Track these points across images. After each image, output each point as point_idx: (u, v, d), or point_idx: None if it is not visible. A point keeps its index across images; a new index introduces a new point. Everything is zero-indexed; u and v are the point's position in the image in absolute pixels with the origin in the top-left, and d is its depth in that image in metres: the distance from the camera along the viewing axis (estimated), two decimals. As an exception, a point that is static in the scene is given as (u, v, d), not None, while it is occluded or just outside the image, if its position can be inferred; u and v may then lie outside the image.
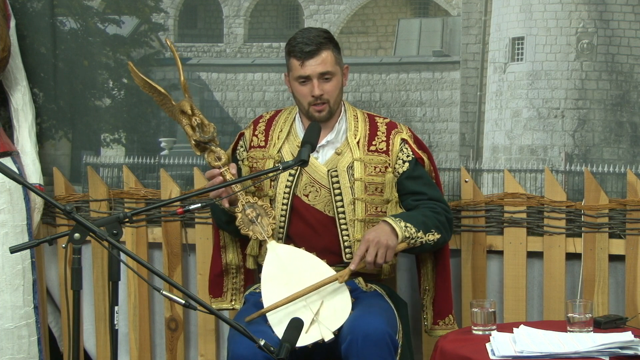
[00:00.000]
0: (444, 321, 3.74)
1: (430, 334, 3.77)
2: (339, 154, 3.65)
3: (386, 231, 3.45)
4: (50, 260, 4.49)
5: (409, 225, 3.49)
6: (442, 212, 3.62)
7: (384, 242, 3.42)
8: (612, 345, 3.12)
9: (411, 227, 3.49)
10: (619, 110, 3.92)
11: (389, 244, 3.43)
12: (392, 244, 3.44)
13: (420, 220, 3.53)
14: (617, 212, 3.89)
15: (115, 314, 2.85)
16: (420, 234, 3.51)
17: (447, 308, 3.75)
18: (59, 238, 2.98)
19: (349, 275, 3.44)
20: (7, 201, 4.05)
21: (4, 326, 4.03)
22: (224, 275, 3.87)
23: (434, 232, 3.55)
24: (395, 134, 3.68)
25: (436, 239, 3.55)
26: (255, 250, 3.72)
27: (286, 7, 4.27)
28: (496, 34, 4.02)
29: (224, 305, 3.86)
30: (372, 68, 4.15)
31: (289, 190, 3.64)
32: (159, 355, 4.43)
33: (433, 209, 3.60)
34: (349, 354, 3.32)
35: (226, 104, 4.31)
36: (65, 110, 4.43)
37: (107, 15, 4.36)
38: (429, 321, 3.77)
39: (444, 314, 3.74)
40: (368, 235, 3.44)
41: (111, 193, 4.36)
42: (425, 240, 3.52)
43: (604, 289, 3.91)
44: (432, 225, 3.55)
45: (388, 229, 3.46)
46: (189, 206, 3.10)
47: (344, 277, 3.43)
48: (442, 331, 3.70)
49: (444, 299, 3.74)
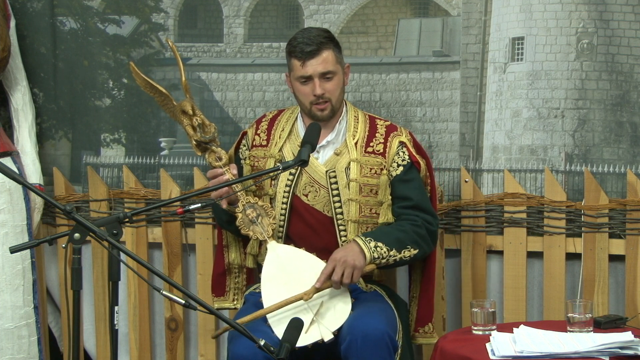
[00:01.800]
0: (424, 329, 3.70)
1: (412, 341, 3.74)
2: (338, 154, 3.64)
3: (355, 251, 3.44)
4: (50, 260, 4.49)
5: (379, 245, 3.46)
6: (423, 224, 3.57)
7: (350, 262, 3.40)
8: (612, 345, 3.12)
9: (382, 247, 3.46)
10: (619, 110, 3.92)
11: (355, 264, 3.41)
12: (360, 264, 3.42)
13: (394, 237, 3.50)
14: (617, 212, 3.89)
15: (115, 314, 2.85)
16: (393, 252, 3.48)
17: (427, 316, 3.70)
18: (59, 238, 2.97)
19: (314, 293, 3.41)
20: (7, 201, 4.05)
21: (4, 326, 4.03)
22: (227, 275, 3.86)
23: (409, 249, 3.52)
24: (394, 137, 3.66)
25: (412, 254, 3.52)
26: (255, 249, 3.71)
27: (286, 7, 4.27)
28: (496, 34, 4.02)
29: (226, 305, 3.86)
30: (372, 68, 4.15)
31: (289, 190, 3.64)
32: (159, 355, 4.43)
33: (413, 222, 3.56)
34: (349, 354, 3.31)
35: (226, 104, 4.31)
36: (65, 110, 4.43)
37: (107, 15, 4.36)
38: (412, 327, 3.75)
39: (424, 321, 3.71)
40: (336, 255, 3.43)
41: (111, 193, 4.36)
42: (400, 257, 3.50)
43: (604, 289, 3.91)
44: (409, 241, 3.52)
45: (357, 249, 3.44)
46: (189, 206, 3.09)
47: (309, 294, 3.40)
48: (421, 339, 3.68)
49: (425, 307, 3.70)
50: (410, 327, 3.73)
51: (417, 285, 3.74)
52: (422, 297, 3.71)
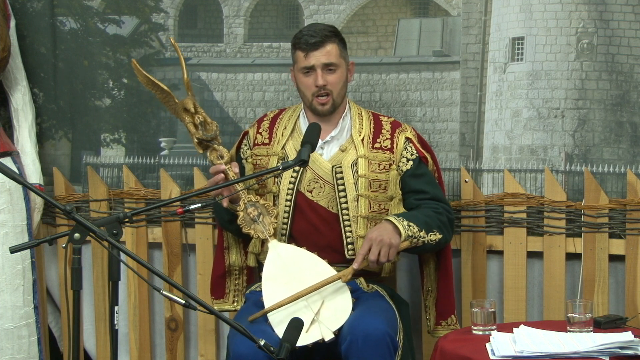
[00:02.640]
0: (447, 322, 3.74)
1: (433, 334, 3.78)
2: (344, 150, 3.66)
3: (389, 230, 3.45)
4: (50, 260, 4.49)
5: (411, 224, 3.49)
6: (444, 212, 3.63)
7: (387, 240, 3.42)
8: (612, 345, 3.12)
9: (414, 226, 3.49)
10: (619, 110, 3.92)
11: (392, 242, 3.43)
12: (395, 242, 3.44)
13: (423, 219, 3.54)
14: (617, 212, 3.89)
15: (115, 314, 2.85)
16: (422, 233, 3.51)
17: (449, 309, 3.76)
18: (59, 238, 2.98)
19: (351, 274, 3.44)
20: (7, 201, 4.05)
21: (4, 326, 4.03)
22: (227, 277, 3.87)
23: (435, 232, 3.55)
24: (400, 133, 3.70)
25: (438, 239, 3.56)
26: (258, 247, 3.72)
27: (286, 7, 4.27)
28: (496, 34, 4.02)
29: (226, 307, 3.86)
30: (372, 68, 4.15)
31: (293, 187, 3.64)
32: (159, 355, 4.43)
33: (435, 209, 3.61)
34: (349, 354, 3.32)
35: (226, 104, 4.31)
36: (65, 110, 4.43)
37: (107, 15, 4.36)
38: (431, 322, 3.77)
39: (446, 314, 3.75)
40: (371, 234, 3.45)
41: (111, 193, 4.36)
42: (428, 240, 3.53)
43: (604, 289, 3.91)
44: (434, 225, 3.55)
45: (391, 228, 3.46)
46: (189, 206, 3.10)
47: (346, 276, 3.43)
48: (444, 331, 3.71)
49: (447, 300, 3.75)
50: (428, 321, 3.75)
51: (432, 279, 3.76)
52: (442, 290, 3.74)
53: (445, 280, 3.75)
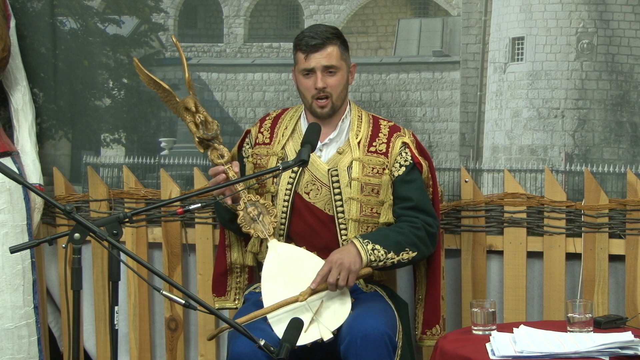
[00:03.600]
0: (431, 331, 3.72)
1: (419, 343, 3.76)
2: (341, 153, 3.65)
3: (352, 254, 3.44)
4: (50, 260, 4.49)
5: (377, 248, 3.46)
6: (423, 226, 3.57)
7: (346, 265, 3.41)
8: (612, 345, 3.12)
9: (380, 249, 3.46)
10: (619, 110, 3.92)
11: (351, 268, 3.41)
12: (355, 268, 3.42)
13: (394, 239, 3.51)
14: (617, 212, 3.89)
15: (115, 314, 2.85)
16: (391, 254, 3.48)
17: (435, 318, 3.73)
18: (59, 238, 2.98)
19: (309, 294, 3.41)
20: (7, 201, 4.05)
21: (4, 326, 4.03)
22: (228, 275, 3.87)
23: (408, 251, 3.52)
24: (397, 137, 3.67)
25: (411, 257, 3.53)
26: (257, 247, 3.72)
27: (286, 7, 4.27)
28: (496, 34, 4.02)
29: (228, 305, 3.86)
30: (372, 68, 4.15)
31: (291, 188, 3.64)
32: (159, 355, 4.43)
33: (413, 223, 3.57)
34: (348, 354, 3.31)
35: (226, 104, 4.31)
36: (65, 110, 4.43)
37: (107, 15, 4.36)
38: (419, 330, 3.75)
39: (431, 323, 3.73)
40: (333, 256, 3.43)
41: (111, 193, 4.36)
42: (399, 260, 3.51)
43: (604, 289, 3.90)
44: (408, 243, 3.52)
45: (354, 252, 3.45)
46: (189, 206, 3.09)
47: (304, 296, 3.41)
48: (429, 341, 3.70)
49: (432, 310, 3.72)
50: (417, 330, 3.74)
51: (423, 287, 3.75)
52: (428, 300, 3.72)
53: (432, 290, 3.72)
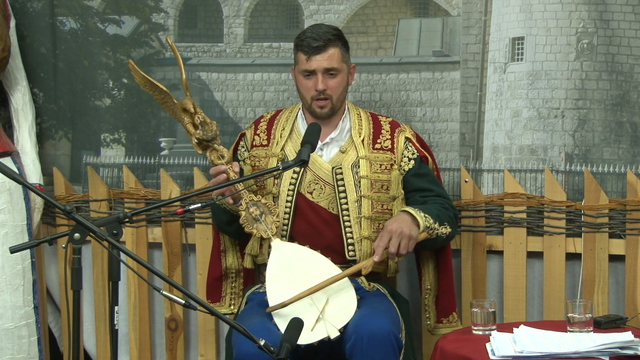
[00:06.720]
0: (448, 319, 3.75)
1: (433, 332, 3.78)
2: (344, 152, 3.66)
3: (407, 221, 3.47)
4: (50, 260, 4.49)
5: (427, 216, 3.51)
6: (450, 208, 3.66)
7: (406, 232, 3.44)
8: (612, 345, 3.12)
9: (429, 218, 3.51)
10: (619, 110, 3.92)
11: (411, 234, 3.44)
12: (414, 234, 3.45)
13: (435, 212, 3.57)
14: (617, 212, 3.89)
15: (115, 314, 2.85)
16: (436, 225, 3.54)
17: (451, 306, 3.77)
18: (59, 238, 2.98)
19: (372, 266, 3.45)
20: (7, 201, 4.05)
21: (4, 326, 4.03)
22: (223, 280, 3.86)
23: (446, 226, 3.58)
24: (400, 133, 3.72)
25: (448, 232, 3.59)
26: (256, 249, 3.71)
27: (286, 7, 4.27)
28: (496, 34, 4.02)
29: (223, 310, 3.85)
30: (372, 68, 4.15)
31: (294, 188, 3.64)
32: (159, 355, 4.43)
33: (442, 204, 3.64)
34: (354, 353, 3.31)
35: (226, 104, 4.31)
36: (65, 110, 4.43)
37: (107, 15, 4.36)
38: (432, 320, 3.77)
39: (448, 311, 3.75)
40: (390, 226, 3.45)
41: (111, 193, 4.36)
42: (440, 232, 3.56)
43: (604, 289, 3.91)
44: (445, 219, 3.59)
45: (409, 219, 3.47)
46: (189, 206, 3.10)
47: (368, 268, 3.44)
48: (445, 329, 3.71)
49: (448, 297, 3.76)
50: (429, 320, 3.75)
51: (431, 277, 3.76)
52: (443, 288, 3.75)
53: (446, 277, 3.75)
